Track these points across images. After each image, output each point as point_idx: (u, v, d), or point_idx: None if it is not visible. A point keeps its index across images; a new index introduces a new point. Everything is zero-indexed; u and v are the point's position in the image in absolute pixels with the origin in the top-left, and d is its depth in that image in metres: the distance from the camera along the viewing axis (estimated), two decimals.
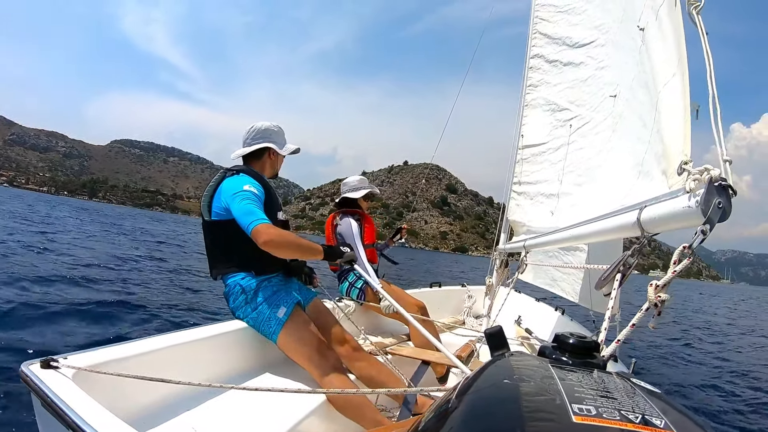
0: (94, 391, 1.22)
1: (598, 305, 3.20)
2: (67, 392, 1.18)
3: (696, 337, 11.04)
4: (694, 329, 13.15)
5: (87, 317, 4.40)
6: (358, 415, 1.86)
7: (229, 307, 2.15)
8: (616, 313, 1.40)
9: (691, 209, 0.97)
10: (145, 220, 46.66)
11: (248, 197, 1.97)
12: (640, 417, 0.47)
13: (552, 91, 3.42)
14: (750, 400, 5.82)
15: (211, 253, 2.15)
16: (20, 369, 1.27)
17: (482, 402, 0.56)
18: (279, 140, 2.36)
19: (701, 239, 0.94)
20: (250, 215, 1.89)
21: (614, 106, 2.34)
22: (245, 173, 2.14)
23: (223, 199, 2.02)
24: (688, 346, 9.35)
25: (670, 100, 1.30)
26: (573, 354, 0.72)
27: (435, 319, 3.51)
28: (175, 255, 13.03)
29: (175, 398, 1.67)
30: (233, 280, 2.09)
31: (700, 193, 0.95)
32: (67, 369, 1.30)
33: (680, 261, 0.99)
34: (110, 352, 1.51)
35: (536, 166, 3.52)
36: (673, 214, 1.04)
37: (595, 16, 2.96)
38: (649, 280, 1.04)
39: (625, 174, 1.74)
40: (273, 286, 2.12)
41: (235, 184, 2.03)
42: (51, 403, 1.14)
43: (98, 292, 5.71)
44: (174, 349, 1.75)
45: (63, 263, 7.64)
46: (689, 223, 1.00)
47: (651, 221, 1.13)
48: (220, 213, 2.05)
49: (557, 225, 2.34)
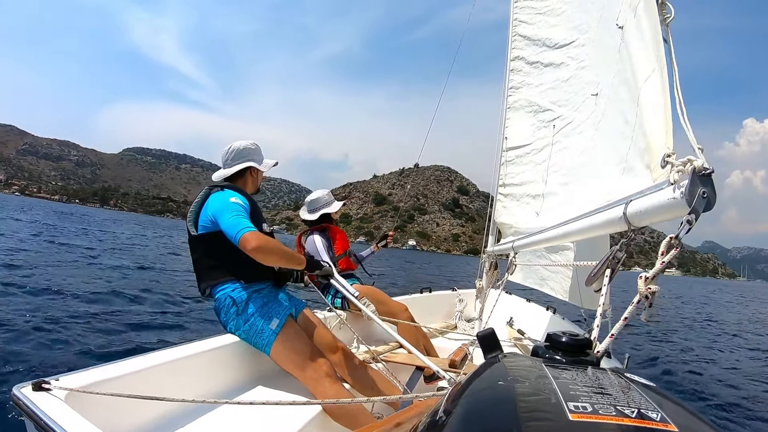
0: (87, 412, 1.21)
1: (588, 302, 3.22)
2: (60, 414, 1.17)
3: (690, 330, 11.19)
4: (694, 323, 13.35)
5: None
6: (354, 423, 1.86)
7: (220, 320, 2.15)
8: (607, 309, 1.41)
9: (676, 200, 0.98)
10: (128, 225, 45.51)
11: (235, 209, 2.01)
12: (635, 411, 0.47)
13: (534, 92, 3.45)
14: (745, 391, 5.91)
15: (198, 266, 2.17)
16: (12, 392, 1.26)
17: (478, 404, 0.56)
18: (257, 157, 2.42)
19: (687, 229, 0.95)
20: (238, 225, 1.92)
21: (596, 105, 2.37)
22: (230, 188, 2.18)
23: (210, 212, 2.05)
24: (683, 341, 9.47)
25: (650, 95, 1.32)
26: (566, 352, 0.72)
27: (426, 324, 3.50)
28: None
29: (170, 415, 1.66)
30: (223, 292, 2.09)
31: (684, 184, 0.96)
32: (59, 391, 1.29)
33: (668, 252, 0.99)
34: (102, 372, 1.50)
35: (521, 168, 3.55)
36: (659, 206, 1.05)
37: (574, 16, 3.00)
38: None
39: (609, 171, 1.75)
40: (263, 297, 2.13)
41: (221, 198, 2.08)
42: (44, 426, 1.13)
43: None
44: (166, 366, 1.74)
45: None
46: (675, 214, 1.00)
47: (637, 214, 1.14)
48: (207, 226, 2.07)
49: (544, 225, 2.35)
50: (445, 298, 4.69)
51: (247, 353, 2.14)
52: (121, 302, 6.42)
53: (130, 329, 5.00)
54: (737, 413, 4.89)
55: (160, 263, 12.52)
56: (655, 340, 9.25)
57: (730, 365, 7.52)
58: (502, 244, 3.60)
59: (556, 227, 1.94)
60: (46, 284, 6.76)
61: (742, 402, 5.33)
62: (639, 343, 8.60)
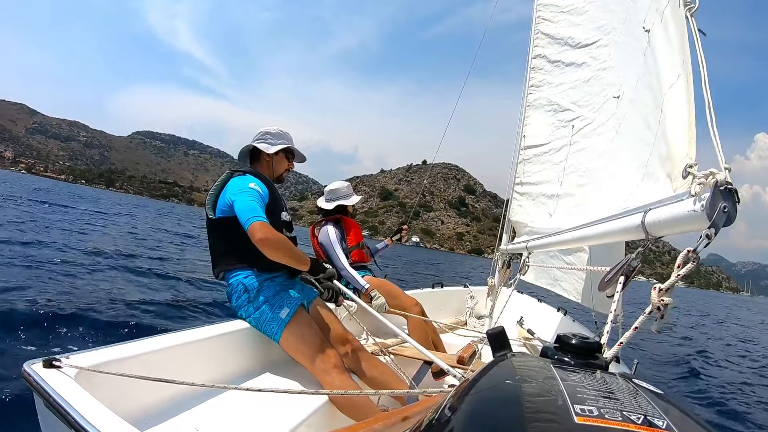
0: (96, 391, 1.23)
1: (600, 306, 3.20)
2: (69, 392, 1.18)
3: (702, 343, 11.03)
4: (701, 335, 13.15)
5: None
6: (360, 415, 1.87)
7: (232, 306, 2.17)
8: (618, 314, 1.40)
9: (696, 213, 0.97)
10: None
11: (252, 195, 2.01)
12: (642, 417, 0.47)
13: (554, 91, 3.42)
14: (754, 402, 5.83)
15: (214, 250, 2.19)
16: (23, 368, 1.27)
17: (484, 403, 0.56)
18: (273, 142, 2.39)
19: (706, 243, 0.94)
20: (251, 211, 1.92)
21: (617, 108, 2.34)
22: (251, 174, 2.19)
23: (228, 196, 2.06)
24: (694, 352, 9.33)
25: (674, 102, 1.30)
26: (575, 355, 0.71)
27: (437, 319, 3.51)
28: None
29: (178, 398, 1.68)
30: (236, 278, 2.11)
31: (705, 197, 0.95)
32: (69, 368, 1.30)
33: (684, 265, 0.99)
34: (112, 352, 1.51)
35: (538, 167, 3.52)
36: (678, 217, 1.03)
37: (597, 16, 2.96)
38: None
39: (628, 176, 1.73)
40: (276, 286, 2.14)
41: (240, 182, 2.08)
42: (53, 402, 1.15)
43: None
44: (176, 349, 1.75)
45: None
46: (694, 227, 0.99)
47: (655, 224, 1.13)
48: (225, 210, 2.08)
49: (558, 226, 2.34)
50: (457, 295, 4.69)
51: (257, 340, 2.15)
52: (140, 283, 6.53)
53: (143, 310, 5.08)
54: (744, 425, 4.84)
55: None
56: (665, 349, 9.16)
57: (744, 378, 7.40)
58: (516, 243, 3.58)
59: (572, 230, 1.93)
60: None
61: (748, 413, 5.26)
62: (650, 350, 8.52)
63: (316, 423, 1.80)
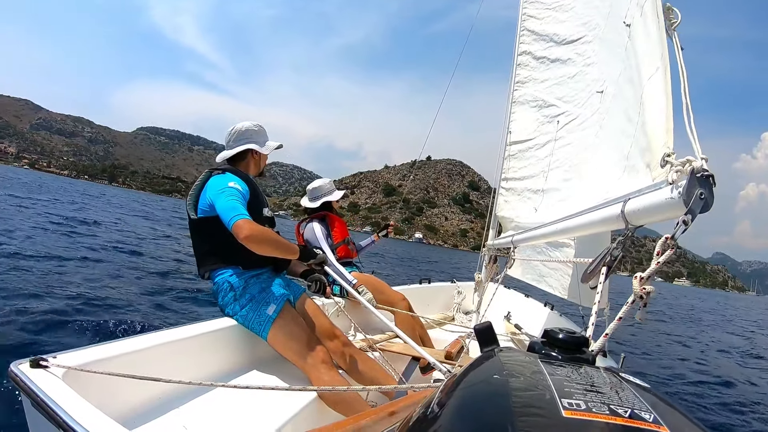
0: (84, 390, 1.22)
1: (587, 300, 3.22)
2: (57, 391, 1.17)
3: (688, 336, 11.16)
4: (690, 330, 13.31)
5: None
6: (349, 410, 1.87)
7: (218, 304, 2.16)
8: (604, 308, 1.41)
9: (673, 200, 0.98)
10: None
11: (232, 194, 1.99)
12: (629, 411, 0.47)
13: (539, 87, 3.43)
14: (738, 395, 5.93)
15: (198, 251, 2.17)
16: (9, 368, 1.26)
17: (472, 397, 0.56)
18: (260, 140, 2.39)
19: (683, 229, 0.96)
20: (233, 210, 1.91)
21: (601, 102, 2.36)
22: (231, 172, 2.17)
23: (209, 196, 2.04)
24: (679, 344, 9.46)
25: (653, 94, 1.32)
26: (562, 349, 0.72)
27: (424, 315, 3.52)
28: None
29: (166, 396, 1.67)
30: (221, 277, 2.10)
31: (682, 185, 0.97)
32: (56, 368, 1.29)
33: (663, 252, 1.00)
34: (99, 351, 1.50)
35: (523, 162, 3.54)
36: (656, 205, 1.05)
37: (582, 12, 2.98)
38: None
39: (611, 169, 1.75)
40: (261, 283, 2.13)
41: (220, 182, 2.06)
42: (41, 402, 1.14)
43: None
44: (163, 348, 1.74)
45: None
46: (672, 214, 1.01)
47: (635, 213, 1.15)
48: (206, 210, 2.07)
49: (543, 220, 2.36)
50: (444, 290, 4.70)
51: (244, 337, 2.14)
52: (123, 281, 6.45)
53: (130, 309, 5.02)
54: (733, 420, 4.91)
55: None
56: (652, 342, 9.27)
57: (734, 375, 7.48)
58: (501, 238, 3.60)
59: (555, 223, 1.94)
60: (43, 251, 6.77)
61: (739, 408, 5.34)
62: (636, 343, 8.62)
63: (305, 419, 1.80)
